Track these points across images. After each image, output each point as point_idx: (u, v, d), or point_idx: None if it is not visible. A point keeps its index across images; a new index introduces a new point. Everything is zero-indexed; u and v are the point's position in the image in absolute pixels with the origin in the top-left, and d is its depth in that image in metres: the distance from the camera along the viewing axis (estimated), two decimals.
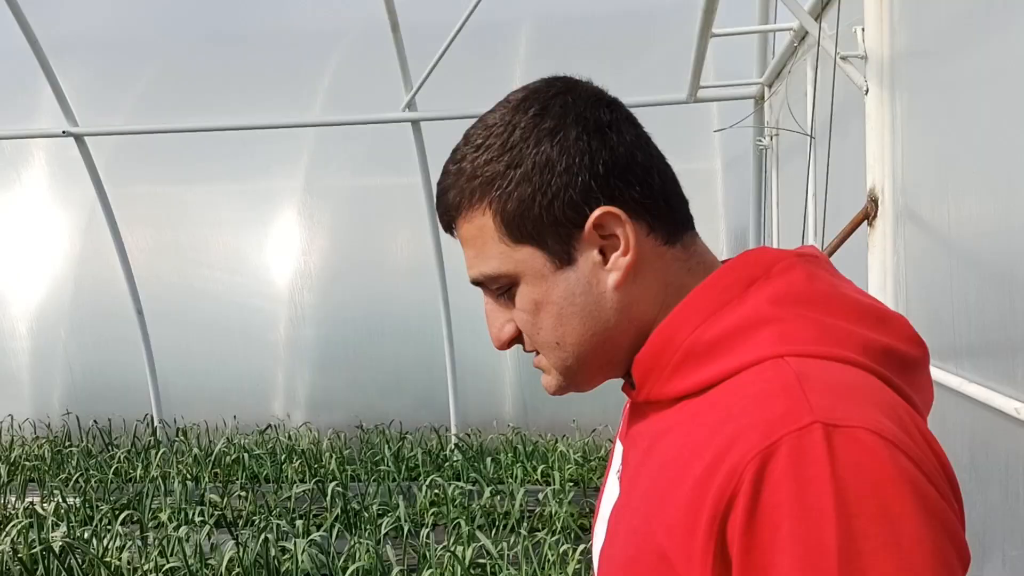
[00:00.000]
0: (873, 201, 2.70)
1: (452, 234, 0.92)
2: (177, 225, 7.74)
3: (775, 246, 4.09)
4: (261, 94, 7.70)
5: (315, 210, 7.61)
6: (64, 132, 6.65)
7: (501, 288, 0.89)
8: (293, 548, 4.07)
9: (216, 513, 5.10)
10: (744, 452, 0.69)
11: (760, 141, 5.54)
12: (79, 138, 6.76)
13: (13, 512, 5.18)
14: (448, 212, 0.90)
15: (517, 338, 0.91)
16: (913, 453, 0.70)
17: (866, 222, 2.73)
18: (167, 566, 4.05)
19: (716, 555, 0.70)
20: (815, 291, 0.82)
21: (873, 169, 2.71)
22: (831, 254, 2.90)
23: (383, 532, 4.54)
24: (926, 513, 0.67)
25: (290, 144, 7.58)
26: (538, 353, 0.92)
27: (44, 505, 5.14)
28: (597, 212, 0.83)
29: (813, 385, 0.72)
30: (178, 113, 7.55)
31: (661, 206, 0.86)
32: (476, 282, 0.91)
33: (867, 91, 2.73)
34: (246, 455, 6.30)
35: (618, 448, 0.97)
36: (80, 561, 4.08)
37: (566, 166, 0.83)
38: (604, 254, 0.85)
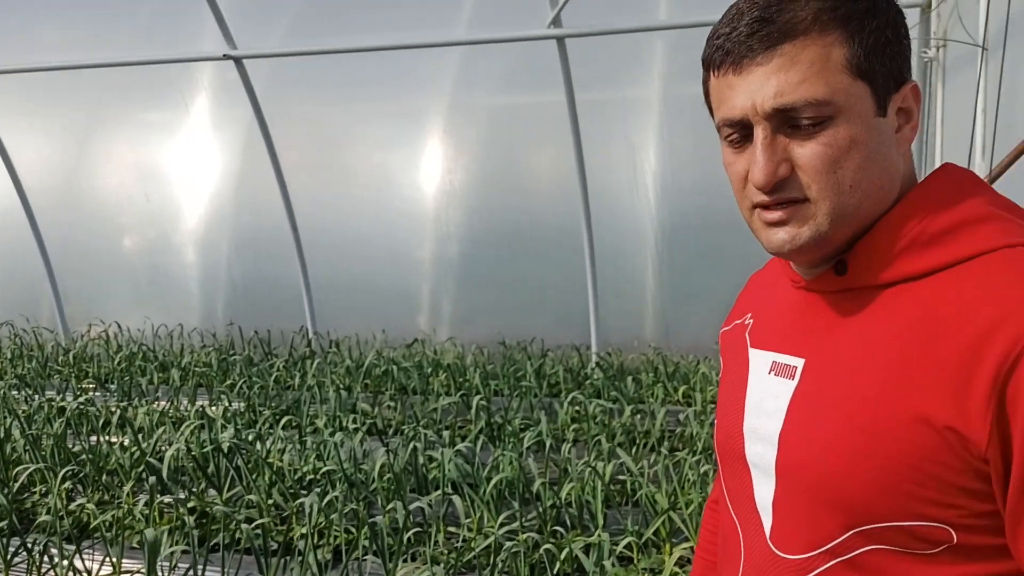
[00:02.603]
0: None
1: (751, 56, 0.88)
2: (328, 144, 7.99)
3: (938, 166, 3.85)
4: (406, 12, 7.76)
5: (460, 129, 7.69)
6: (224, 55, 6.93)
7: (812, 120, 0.87)
8: (440, 457, 4.25)
9: (368, 421, 5.37)
10: None
11: (925, 53, 5.19)
12: (238, 60, 7.03)
13: (186, 413, 5.62)
14: (780, 29, 0.87)
15: (781, 184, 0.89)
16: None
17: None
18: (324, 468, 4.32)
19: (995, 412, 0.80)
20: (1008, 202, 0.93)
21: None
22: (999, 174, 2.72)
23: (525, 446, 4.67)
24: None
25: (435, 62, 7.63)
26: (785, 207, 0.90)
27: (212, 408, 5.55)
28: (912, 83, 0.92)
29: None
30: (328, 33, 7.72)
31: None
32: (780, 108, 0.87)
33: None
34: (395, 367, 6.57)
35: (759, 355, 1.02)
36: (246, 460, 4.40)
37: (904, 32, 0.92)
38: (898, 122, 0.92)
